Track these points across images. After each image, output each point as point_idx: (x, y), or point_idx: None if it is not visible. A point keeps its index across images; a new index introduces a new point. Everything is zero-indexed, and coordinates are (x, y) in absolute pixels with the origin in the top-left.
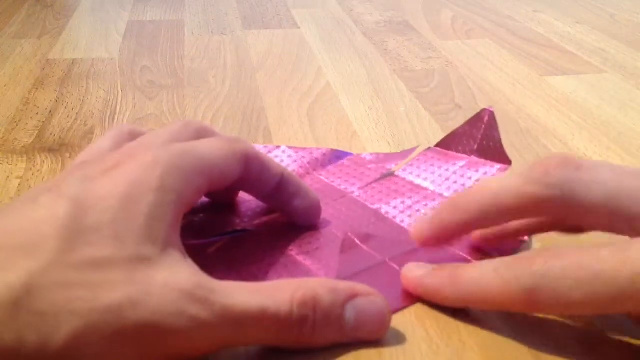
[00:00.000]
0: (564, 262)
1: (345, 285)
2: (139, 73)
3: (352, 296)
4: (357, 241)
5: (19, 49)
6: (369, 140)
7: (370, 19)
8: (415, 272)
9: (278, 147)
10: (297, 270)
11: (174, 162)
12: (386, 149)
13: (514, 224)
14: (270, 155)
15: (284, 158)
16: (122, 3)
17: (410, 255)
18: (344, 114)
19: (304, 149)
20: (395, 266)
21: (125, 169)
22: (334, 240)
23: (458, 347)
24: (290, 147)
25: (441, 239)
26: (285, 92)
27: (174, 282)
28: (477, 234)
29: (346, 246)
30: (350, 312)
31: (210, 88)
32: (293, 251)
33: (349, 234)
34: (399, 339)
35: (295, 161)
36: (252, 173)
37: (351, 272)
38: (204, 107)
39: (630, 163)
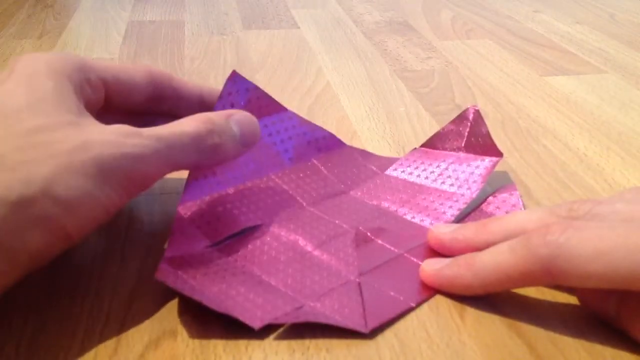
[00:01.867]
0: (583, 234)
1: (222, 112)
2: None
3: (229, 115)
4: (370, 235)
5: (19, 49)
6: (369, 140)
7: (370, 19)
8: (434, 266)
9: (285, 110)
10: (316, 267)
11: (54, 57)
12: (386, 149)
13: None
14: (272, 119)
15: (287, 126)
16: (122, 3)
17: (427, 247)
18: (344, 114)
19: (308, 124)
20: (414, 259)
21: (14, 73)
22: (344, 234)
23: (458, 347)
24: (296, 116)
25: (455, 252)
26: (285, 92)
27: (106, 130)
28: None
29: (360, 240)
30: (234, 125)
31: None
32: (308, 246)
33: (360, 227)
34: (399, 339)
35: (298, 135)
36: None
37: (372, 266)
38: None
39: (630, 163)
